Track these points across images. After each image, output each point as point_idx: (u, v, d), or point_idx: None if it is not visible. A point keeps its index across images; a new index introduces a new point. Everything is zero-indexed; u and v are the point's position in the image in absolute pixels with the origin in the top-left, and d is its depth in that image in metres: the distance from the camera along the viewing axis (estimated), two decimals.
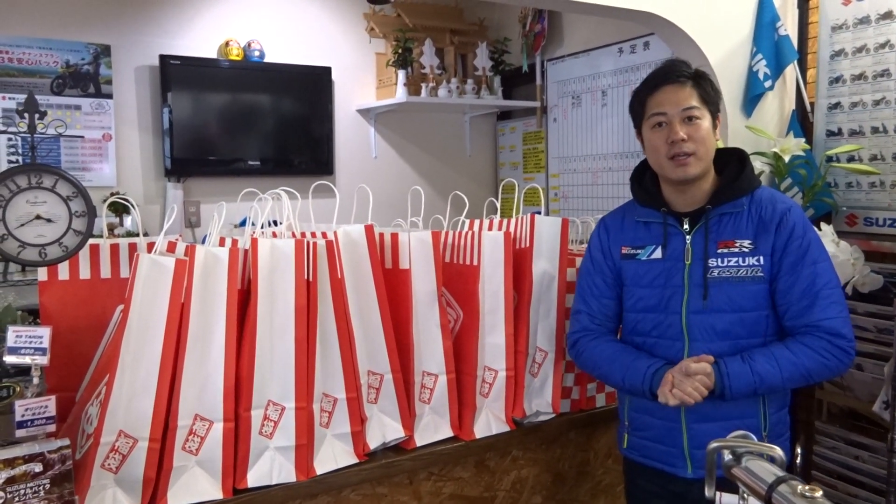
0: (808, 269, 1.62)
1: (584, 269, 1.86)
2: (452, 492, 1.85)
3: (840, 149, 2.72)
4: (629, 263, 1.76)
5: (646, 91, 1.71)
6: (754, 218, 1.67)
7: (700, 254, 1.67)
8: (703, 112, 1.66)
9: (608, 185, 4.27)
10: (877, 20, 2.68)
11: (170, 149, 4.00)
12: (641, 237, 1.76)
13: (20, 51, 3.70)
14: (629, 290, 1.76)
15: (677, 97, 1.66)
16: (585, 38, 4.36)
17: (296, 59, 4.38)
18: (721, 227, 1.67)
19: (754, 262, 1.64)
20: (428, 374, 1.80)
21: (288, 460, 1.58)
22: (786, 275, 1.63)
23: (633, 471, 1.83)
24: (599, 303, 1.81)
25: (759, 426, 1.67)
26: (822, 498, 0.83)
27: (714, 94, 1.71)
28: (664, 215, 1.72)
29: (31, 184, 1.49)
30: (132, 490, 1.44)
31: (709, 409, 1.64)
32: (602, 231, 1.85)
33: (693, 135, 1.64)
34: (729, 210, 1.68)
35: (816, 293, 1.61)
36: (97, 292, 1.69)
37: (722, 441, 1.02)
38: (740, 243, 1.65)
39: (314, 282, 1.61)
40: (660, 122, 1.67)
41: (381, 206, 1.99)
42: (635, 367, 1.68)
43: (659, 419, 1.71)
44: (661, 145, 1.67)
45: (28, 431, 1.33)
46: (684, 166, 1.65)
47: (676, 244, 1.70)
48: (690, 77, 1.68)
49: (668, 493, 1.74)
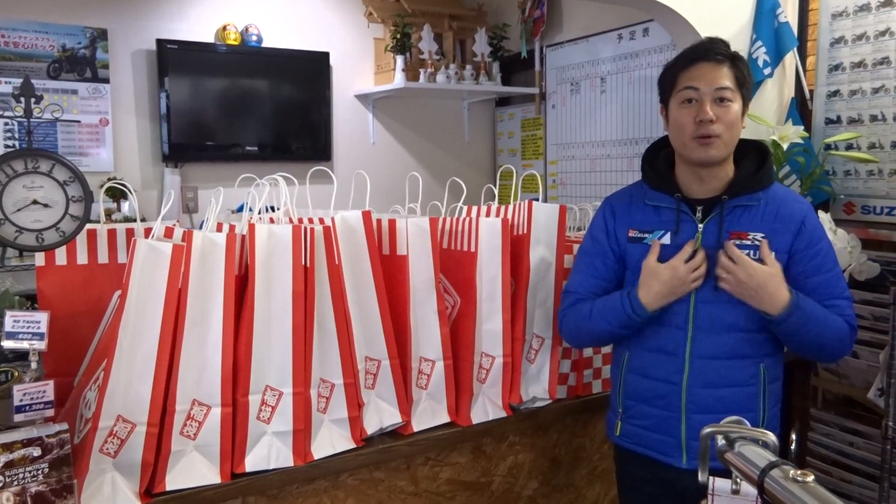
0: (831, 273, 1.65)
1: (584, 249, 1.81)
2: (449, 477, 1.86)
3: (838, 136, 2.72)
4: (636, 247, 1.71)
5: (680, 65, 1.65)
6: (770, 214, 1.64)
7: (712, 243, 1.63)
8: (736, 95, 1.61)
9: (606, 172, 4.27)
10: (877, 7, 2.67)
11: (167, 134, 3.99)
12: (650, 221, 1.71)
13: (16, 34, 3.68)
14: (633, 274, 1.71)
15: (713, 75, 1.60)
16: (585, 25, 4.34)
17: (294, 44, 4.36)
18: (734, 218, 1.64)
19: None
20: (425, 360, 1.81)
21: (285, 445, 1.59)
22: (811, 276, 1.64)
23: (624, 457, 1.81)
24: (597, 284, 1.76)
25: (758, 420, 1.65)
26: (813, 482, 0.84)
27: (749, 79, 1.65)
28: (678, 201, 1.68)
29: (28, 168, 1.49)
30: (130, 474, 1.45)
31: (710, 401, 1.64)
32: (608, 212, 1.78)
33: (722, 117, 1.59)
34: (745, 203, 1.64)
35: (839, 295, 1.65)
36: (95, 277, 1.69)
37: (715, 426, 1.03)
38: (753, 236, 1.63)
39: (311, 268, 1.61)
40: (690, 99, 1.61)
41: (378, 192, 1.99)
42: (611, 301, 1.69)
43: (657, 408, 1.69)
44: (688, 123, 1.61)
45: (26, 416, 1.33)
46: (707, 147, 1.60)
47: (687, 231, 1.66)
48: (729, 57, 1.62)
49: (659, 480, 1.73)
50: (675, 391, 1.66)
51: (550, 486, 2.05)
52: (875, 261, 2.53)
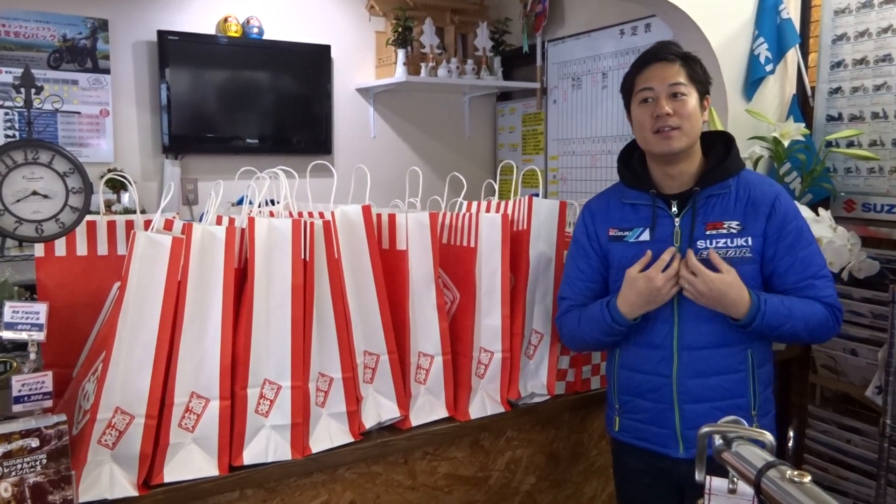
0: (804, 252, 1.66)
1: (570, 255, 1.87)
2: (447, 471, 1.87)
3: (840, 134, 2.72)
4: (617, 245, 1.76)
5: (634, 69, 1.73)
6: (742, 199, 1.68)
7: (688, 235, 1.67)
8: (690, 90, 1.67)
9: (607, 167, 4.26)
10: (880, 4, 2.66)
11: (168, 125, 3.98)
12: (629, 219, 1.75)
13: (17, 24, 3.67)
14: (616, 273, 1.75)
15: (664, 74, 1.67)
16: (587, 20, 4.32)
17: (295, 36, 4.35)
18: (709, 208, 1.68)
19: (742, 243, 1.66)
20: (424, 354, 1.81)
21: (284, 439, 1.59)
22: (783, 257, 1.66)
23: (622, 450, 1.84)
24: (585, 286, 1.81)
25: (749, 405, 1.68)
26: (810, 483, 0.84)
27: (703, 74, 1.72)
28: (653, 197, 1.72)
29: (28, 159, 1.48)
30: (129, 466, 1.45)
31: (701, 391, 1.66)
32: (587, 216, 1.85)
33: (678, 110, 1.65)
34: (717, 192, 1.69)
35: (814, 274, 1.66)
36: (94, 269, 1.69)
37: (713, 426, 1.03)
38: (728, 224, 1.67)
39: (311, 261, 1.61)
40: (646, 98, 1.69)
41: (379, 187, 1.98)
42: (593, 312, 1.73)
43: (650, 402, 1.72)
44: (647, 120, 1.68)
45: (25, 406, 1.33)
46: (668, 139, 1.66)
47: (665, 226, 1.70)
48: (679, 56, 1.69)
49: (655, 471, 1.76)
50: (665, 383, 1.69)
51: (548, 482, 2.06)
52: (875, 258, 2.53)
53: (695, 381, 1.67)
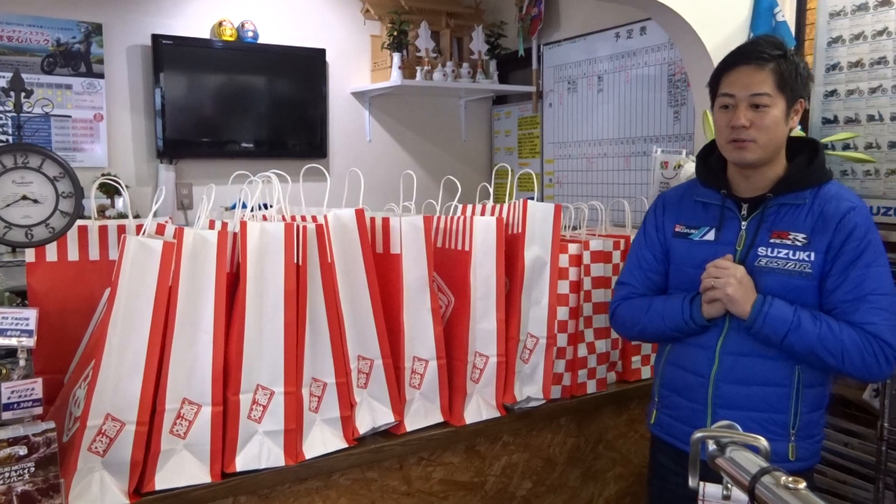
0: (859, 272, 1.55)
1: (636, 242, 1.86)
2: (442, 476, 1.85)
3: (835, 136, 2.71)
4: (680, 242, 1.74)
5: (722, 68, 1.66)
6: (815, 213, 1.60)
7: (751, 241, 1.63)
8: (776, 100, 1.58)
9: (603, 171, 4.26)
10: (875, 7, 2.67)
11: (162, 130, 3.97)
12: (698, 217, 1.73)
13: (10, 28, 3.65)
14: (676, 269, 1.75)
15: (749, 80, 1.59)
16: (582, 23, 4.33)
17: (290, 40, 4.35)
18: (779, 217, 1.63)
19: (804, 258, 1.58)
20: (418, 359, 1.80)
21: (277, 444, 1.57)
22: (836, 275, 1.57)
23: (656, 446, 1.84)
24: (646, 276, 1.81)
25: (788, 423, 1.61)
26: (805, 490, 0.83)
27: (796, 78, 1.61)
28: (723, 198, 1.69)
29: (18, 164, 1.47)
30: (119, 473, 1.43)
31: (737, 398, 1.63)
32: (658, 207, 1.83)
33: (757, 122, 1.58)
34: (790, 201, 1.62)
35: (863, 297, 1.55)
36: (86, 274, 1.67)
37: (706, 431, 1.02)
38: (794, 236, 1.60)
39: (304, 266, 1.60)
40: (726, 105, 1.63)
41: (375, 190, 1.98)
42: (671, 303, 1.70)
43: (686, 400, 1.71)
44: (724, 127, 1.63)
45: (14, 414, 1.31)
46: (741, 150, 1.60)
47: (731, 229, 1.67)
48: (772, 59, 1.59)
49: (685, 471, 1.73)
50: (702, 384, 1.67)
51: (544, 487, 2.05)
52: None
53: (732, 388, 1.63)
